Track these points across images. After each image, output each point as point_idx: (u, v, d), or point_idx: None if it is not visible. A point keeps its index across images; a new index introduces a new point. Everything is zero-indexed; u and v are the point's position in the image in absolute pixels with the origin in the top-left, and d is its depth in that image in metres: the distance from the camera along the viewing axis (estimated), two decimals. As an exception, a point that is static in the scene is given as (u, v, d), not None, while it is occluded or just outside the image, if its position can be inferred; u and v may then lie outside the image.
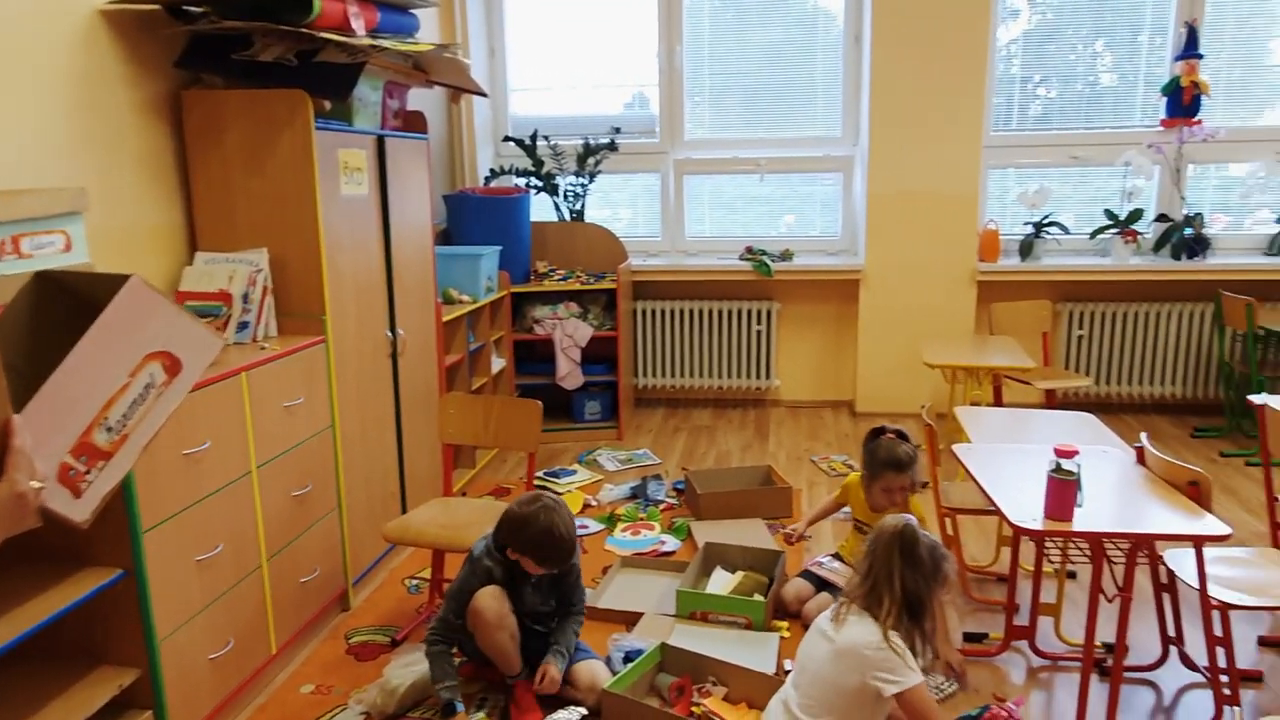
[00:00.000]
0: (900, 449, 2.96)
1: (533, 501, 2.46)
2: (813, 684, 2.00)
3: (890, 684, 1.86)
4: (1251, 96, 5.24)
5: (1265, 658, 2.91)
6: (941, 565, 2.00)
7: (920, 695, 1.88)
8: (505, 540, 2.48)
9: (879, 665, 1.88)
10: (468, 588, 2.50)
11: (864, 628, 1.93)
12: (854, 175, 5.43)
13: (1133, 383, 5.36)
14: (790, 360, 5.65)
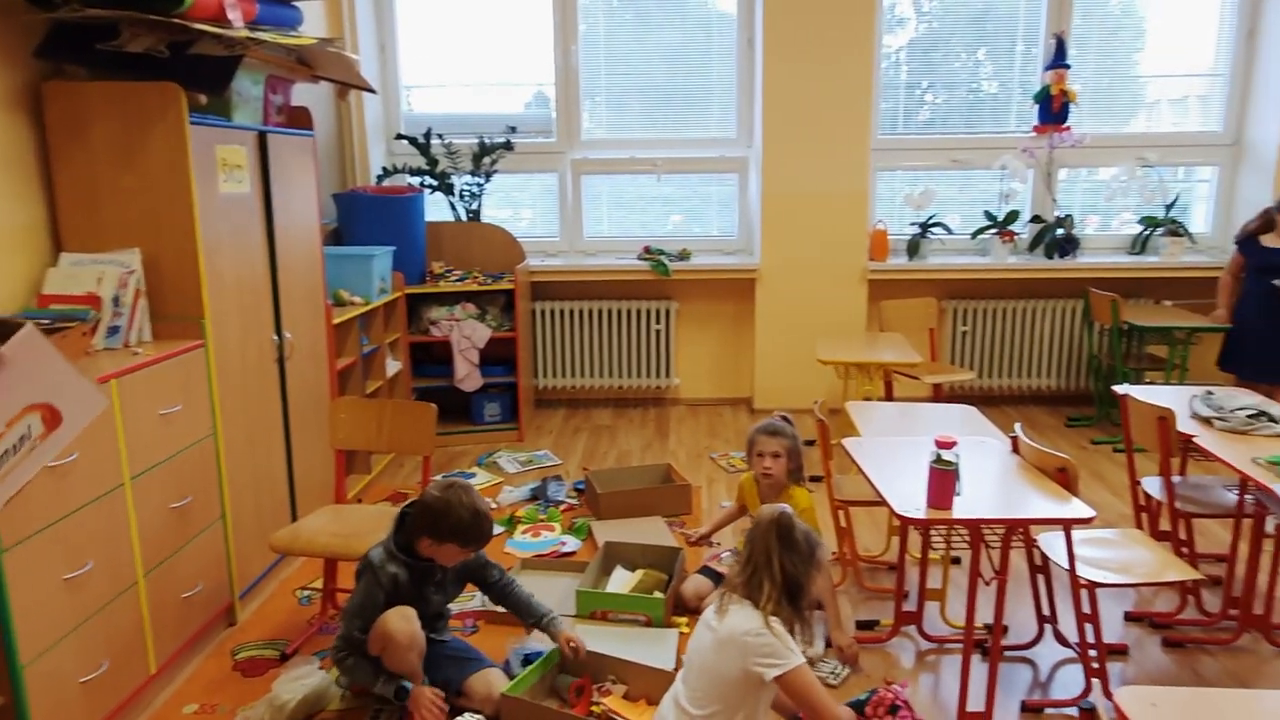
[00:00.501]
0: (779, 421, 3.09)
1: (446, 488, 2.41)
2: (699, 676, 2.03)
3: (771, 667, 1.90)
4: (1118, 105, 5.58)
5: (1130, 631, 3.09)
6: (816, 551, 2.07)
7: (801, 676, 1.93)
8: (424, 533, 2.40)
9: (759, 650, 1.92)
10: (372, 601, 2.41)
11: (744, 615, 1.97)
12: (749, 176, 5.53)
13: (1012, 376, 5.63)
14: (689, 359, 5.72)
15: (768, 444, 3.04)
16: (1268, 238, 4.57)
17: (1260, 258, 4.57)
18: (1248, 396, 3.16)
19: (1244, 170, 5.43)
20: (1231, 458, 2.71)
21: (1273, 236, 4.56)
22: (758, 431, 3.08)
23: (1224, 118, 5.45)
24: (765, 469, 3.05)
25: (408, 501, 2.52)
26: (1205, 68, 5.46)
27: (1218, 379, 4.99)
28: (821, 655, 2.85)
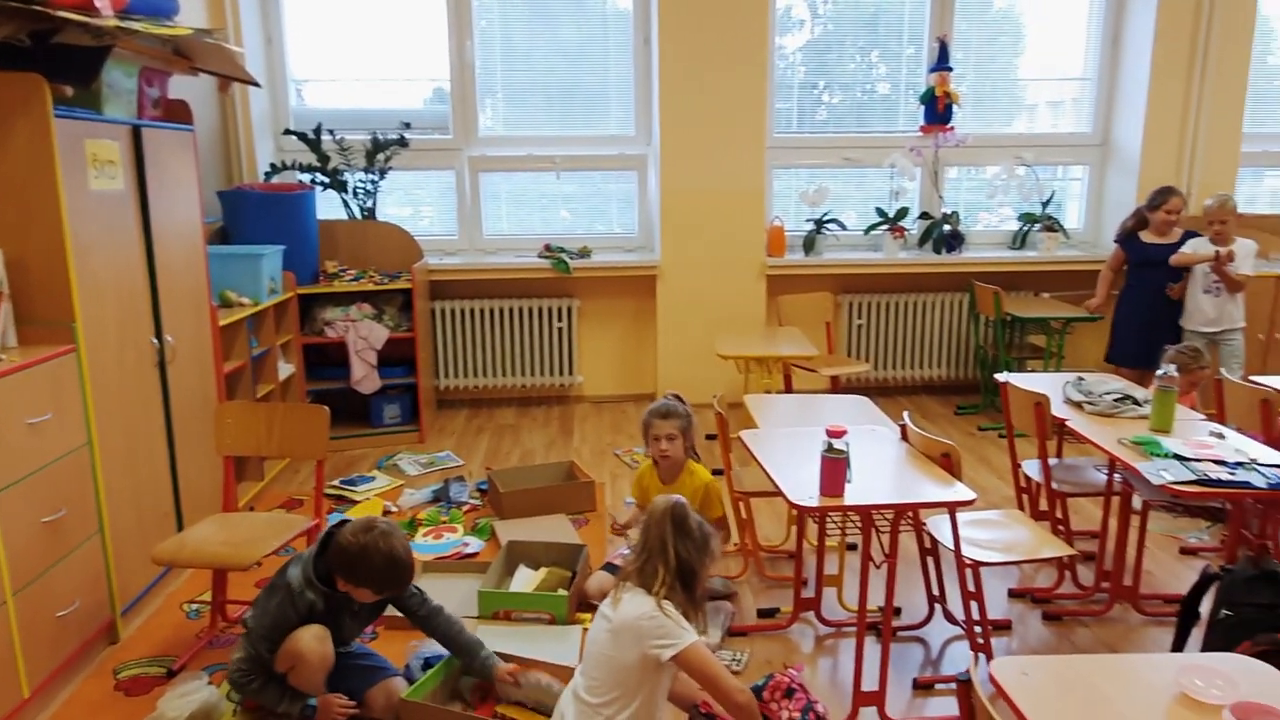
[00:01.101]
0: (671, 402, 3.15)
1: (366, 530, 2.28)
2: (596, 666, 2.04)
3: (667, 647, 1.93)
4: (1000, 107, 5.85)
5: (1014, 607, 3.25)
6: (709, 540, 2.10)
7: (698, 652, 1.97)
8: (340, 574, 2.31)
9: (654, 633, 1.95)
10: (284, 623, 2.31)
11: (638, 601, 2.00)
12: (648, 174, 5.57)
13: (905, 367, 5.83)
14: (592, 356, 5.72)
15: (662, 427, 3.10)
16: (1145, 234, 4.84)
17: (1140, 253, 4.84)
18: (1115, 381, 3.35)
19: (1111, 169, 5.76)
20: (1100, 439, 2.87)
21: (1149, 233, 4.83)
22: (651, 415, 3.14)
23: (1092, 120, 5.77)
24: (663, 451, 3.11)
25: (335, 523, 2.40)
26: (1075, 72, 5.77)
27: (1093, 366, 5.29)
28: (719, 644, 2.90)
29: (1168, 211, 4.70)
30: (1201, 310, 4.64)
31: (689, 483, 3.17)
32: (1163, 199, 4.72)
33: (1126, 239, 4.92)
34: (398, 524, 2.43)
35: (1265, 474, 2.51)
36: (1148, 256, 4.78)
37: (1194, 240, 4.66)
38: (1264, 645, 2.32)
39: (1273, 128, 5.95)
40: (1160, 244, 4.75)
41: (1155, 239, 4.78)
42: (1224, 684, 1.47)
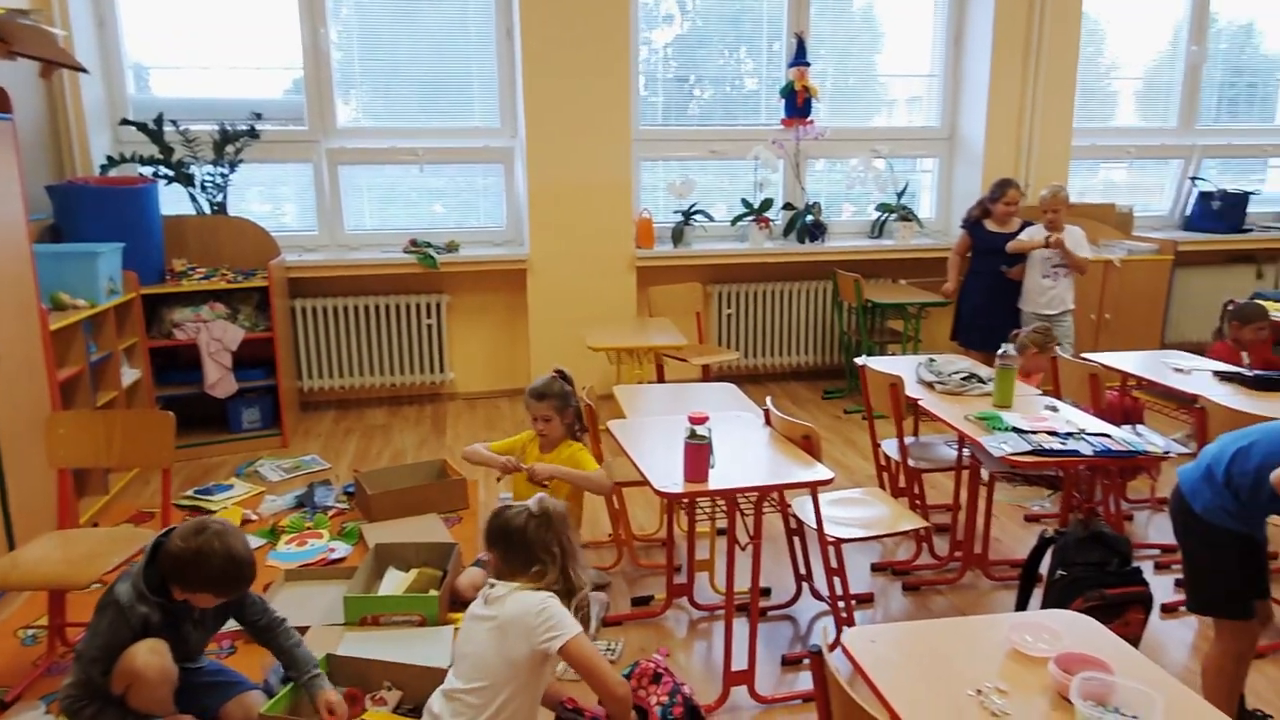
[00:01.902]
0: (545, 382, 3.15)
1: (198, 532, 2.14)
2: (476, 667, 2.01)
3: (554, 639, 1.93)
4: (860, 101, 6.07)
5: (877, 581, 3.39)
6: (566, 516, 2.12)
7: (581, 644, 1.97)
8: (174, 582, 2.16)
9: (540, 626, 1.94)
10: (118, 642, 2.14)
11: (524, 596, 1.99)
12: (515, 166, 5.51)
13: (774, 354, 5.99)
14: (464, 352, 5.63)
15: (536, 408, 3.14)
16: (989, 222, 5.13)
17: (984, 241, 5.11)
18: (962, 361, 3.54)
19: (958, 161, 6.08)
20: (949, 416, 3.03)
21: (991, 222, 5.11)
22: (528, 395, 3.17)
23: (940, 115, 6.07)
24: (540, 431, 3.17)
25: (163, 531, 2.25)
26: (924, 70, 6.05)
27: (948, 349, 5.57)
28: (594, 635, 2.91)
29: (1006, 203, 4.99)
30: (1038, 294, 4.96)
31: (565, 455, 3.18)
32: (1002, 191, 5.02)
33: (972, 226, 5.20)
34: (233, 523, 2.28)
35: (1092, 443, 2.70)
36: (990, 244, 5.07)
37: (1030, 229, 4.97)
38: (1094, 600, 2.51)
39: (1102, 123, 6.41)
40: (1001, 233, 5.04)
41: (996, 228, 5.07)
42: (1050, 638, 1.58)
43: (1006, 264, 5.01)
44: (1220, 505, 2.21)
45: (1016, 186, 5.03)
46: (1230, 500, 2.20)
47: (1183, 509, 2.31)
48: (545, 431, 3.16)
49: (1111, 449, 2.68)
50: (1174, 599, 3.19)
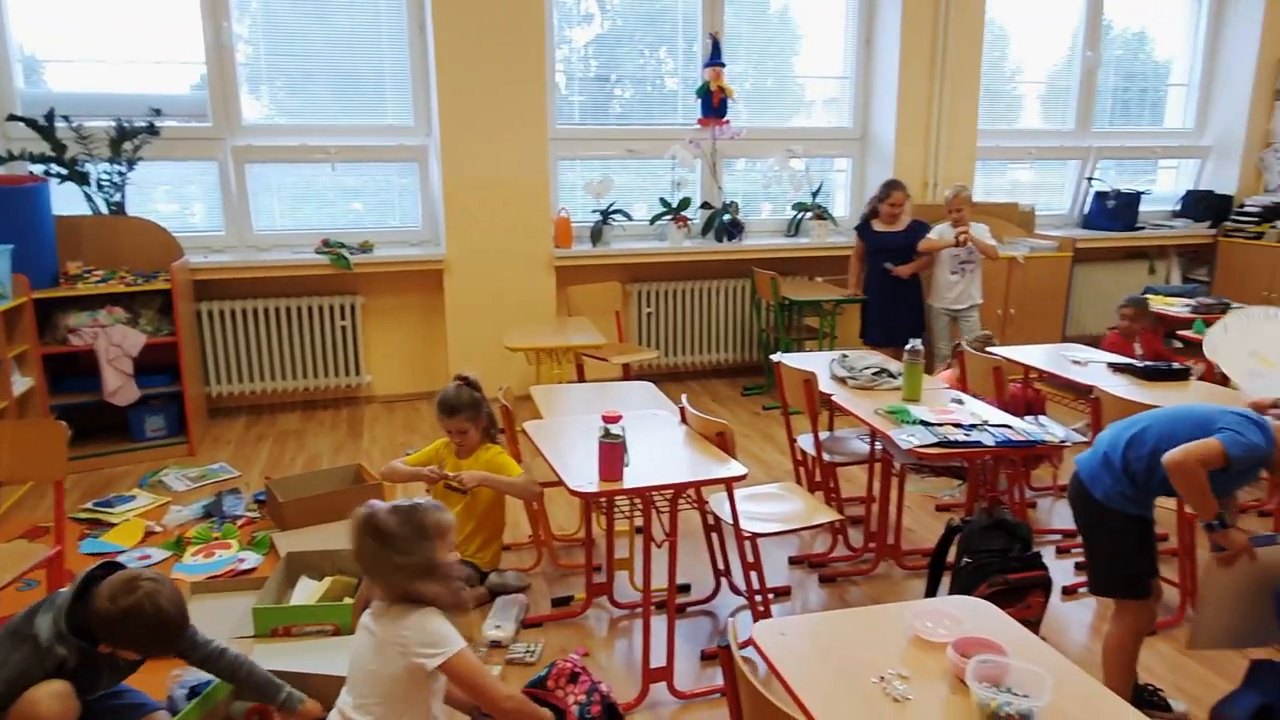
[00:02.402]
0: (453, 391, 3.10)
1: (128, 591, 2.02)
2: (363, 682, 1.96)
3: (433, 656, 1.88)
4: (778, 101, 6.16)
5: (794, 574, 3.45)
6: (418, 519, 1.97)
7: (464, 661, 1.91)
8: (102, 638, 2.05)
9: (417, 643, 1.89)
10: (25, 679, 2.02)
11: (401, 610, 1.94)
12: (429, 165, 5.43)
13: (695, 352, 6.04)
14: (380, 354, 5.52)
15: (451, 424, 3.11)
16: (876, 223, 5.27)
17: (873, 241, 5.26)
18: (873, 357, 3.62)
19: (870, 161, 6.22)
20: (860, 410, 3.10)
21: (879, 222, 5.25)
22: (439, 411, 3.12)
23: (852, 115, 6.20)
24: (458, 443, 3.16)
25: (94, 566, 2.13)
26: (837, 71, 6.18)
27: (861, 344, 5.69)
28: (513, 637, 2.89)
29: (890, 204, 5.15)
30: (946, 289, 5.13)
31: (483, 456, 3.16)
32: (886, 192, 5.18)
33: (862, 227, 5.35)
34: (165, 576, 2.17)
35: (994, 433, 2.80)
36: (877, 244, 5.23)
37: (938, 227, 5.12)
38: (997, 585, 2.60)
39: (1008, 125, 6.64)
40: (887, 232, 5.22)
41: (884, 228, 5.23)
42: (950, 623, 1.63)
43: (892, 262, 5.16)
44: (1119, 491, 2.31)
45: (901, 188, 5.19)
46: (1128, 485, 2.30)
47: (1082, 495, 2.41)
48: (462, 443, 3.15)
49: (1012, 439, 2.78)
50: (1074, 581, 3.32)
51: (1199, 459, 2.13)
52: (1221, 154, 6.98)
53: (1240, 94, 6.74)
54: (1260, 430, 2.18)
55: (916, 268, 5.18)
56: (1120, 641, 2.43)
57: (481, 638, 2.91)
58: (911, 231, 5.21)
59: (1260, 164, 6.83)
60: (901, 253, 5.20)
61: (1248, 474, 2.21)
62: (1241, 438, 2.15)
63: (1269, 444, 2.17)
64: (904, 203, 5.20)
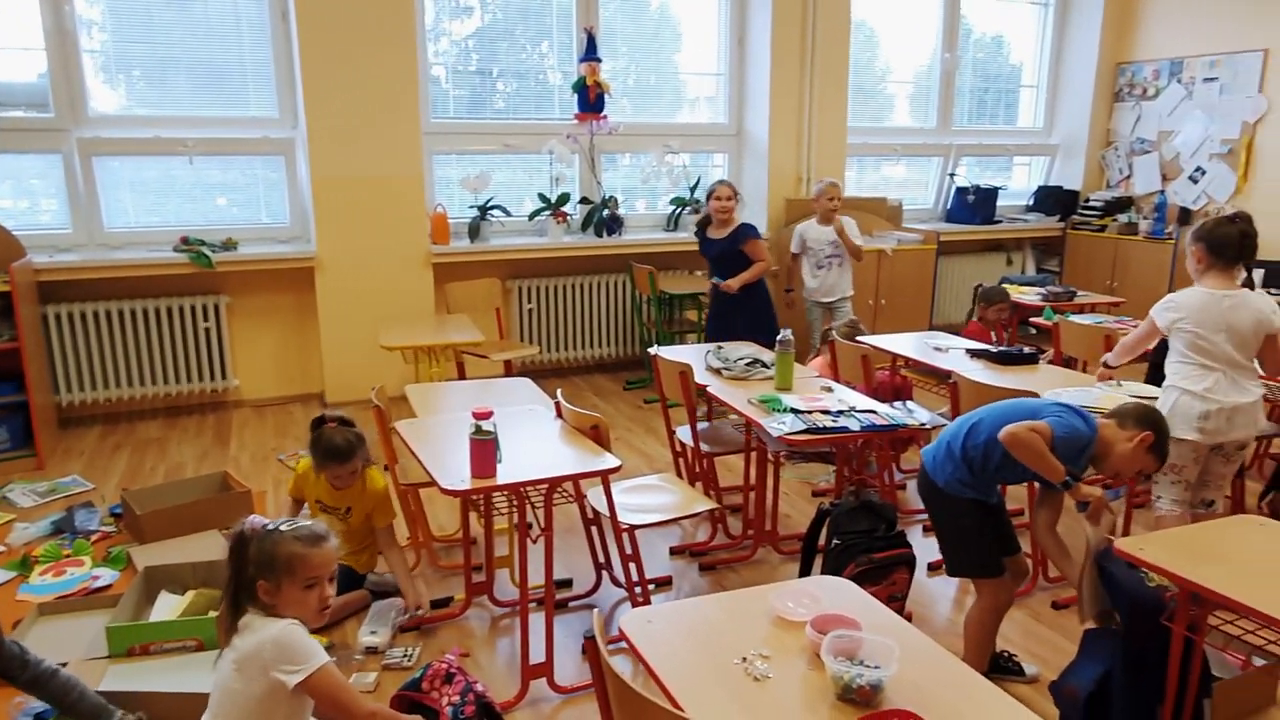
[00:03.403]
0: (339, 438, 2.97)
1: None
2: (222, 703, 1.87)
3: (293, 673, 1.81)
4: (661, 97, 6.21)
5: (675, 564, 3.50)
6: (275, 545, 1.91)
7: (326, 677, 1.84)
8: None
9: (280, 658, 1.82)
10: None
11: (262, 624, 1.87)
12: (297, 159, 5.24)
13: (577, 347, 6.03)
14: (249, 357, 5.30)
15: (341, 470, 2.99)
16: (711, 229, 4.97)
17: (705, 248, 5.03)
18: (747, 347, 3.70)
19: (746, 157, 6.36)
20: (734, 400, 3.16)
21: (714, 228, 4.93)
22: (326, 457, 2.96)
23: (727, 112, 6.32)
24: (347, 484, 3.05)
25: None
26: (713, 68, 6.28)
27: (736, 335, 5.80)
28: (390, 642, 2.83)
29: (717, 207, 4.83)
30: (814, 283, 5.27)
31: (360, 489, 3.07)
32: (710, 191, 4.88)
33: (697, 233, 5.06)
34: None
35: (860, 419, 2.90)
36: (708, 251, 5.00)
37: (805, 224, 5.24)
38: (864, 565, 2.71)
39: (880, 122, 6.89)
40: (713, 239, 4.92)
41: (713, 233, 4.93)
42: (810, 602, 1.69)
43: (719, 272, 4.88)
44: (958, 478, 2.45)
45: (726, 185, 4.89)
46: (966, 473, 2.44)
47: (928, 484, 2.55)
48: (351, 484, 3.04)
49: (877, 424, 2.89)
50: (939, 558, 3.48)
51: (1030, 429, 2.29)
52: (1068, 152, 7.45)
53: (1083, 96, 7.21)
54: (1084, 420, 2.35)
55: (747, 278, 4.80)
56: (979, 618, 2.56)
57: (357, 645, 2.83)
58: (734, 239, 4.83)
59: (1102, 161, 7.33)
60: (724, 261, 4.87)
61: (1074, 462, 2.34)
62: (1065, 421, 2.32)
63: (1091, 430, 2.34)
64: (728, 197, 4.85)
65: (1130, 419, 2.35)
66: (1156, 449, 2.34)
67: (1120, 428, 2.35)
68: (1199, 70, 6.57)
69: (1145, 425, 2.32)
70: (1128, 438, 2.32)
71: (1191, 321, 2.89)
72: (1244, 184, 6.35)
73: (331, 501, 3.08)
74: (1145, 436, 2.31)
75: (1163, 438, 2.35)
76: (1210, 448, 2.94)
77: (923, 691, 1.45)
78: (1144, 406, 2.42)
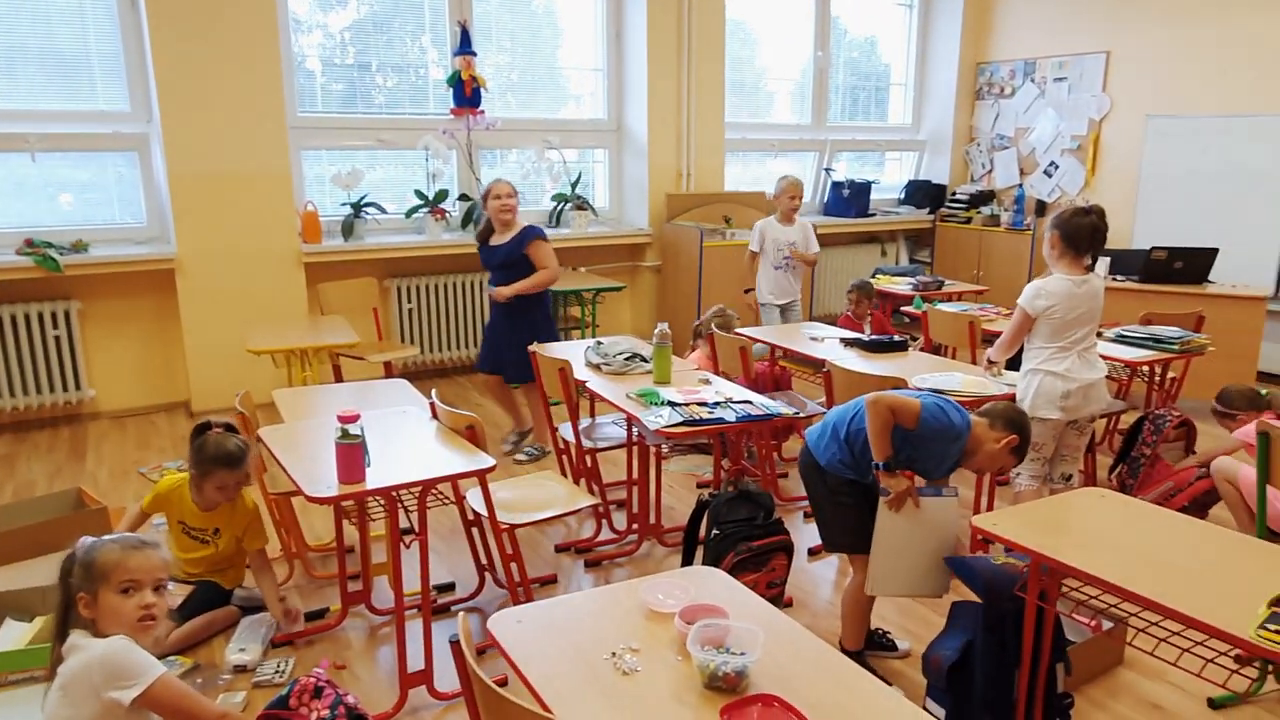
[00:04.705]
0: (231, 443, 2.84)
1: None
2: None
3: (128, 689, 1.71)
4: (545, 92, 6.13)
5: (561, 561, 3.47)
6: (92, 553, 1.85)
7: (164, 688, 1.75)
8: None
9: (110, 678, 1.72)
10: None
11: (85, 644, 1.76)
12: (152, 155, 4.95)
13: (461, 347, 5.92)
14: (106, 365, 4.98)
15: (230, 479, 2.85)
16: (494, 235, 4.29)
17: (486, 257, 4.33)
18: (626, 342, 3.71)
19: (626, 153, 6.37)
20: (613, 395, 3.16)
21: (497, 233, 4.29)
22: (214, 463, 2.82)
23: (607, 107, 6.32)
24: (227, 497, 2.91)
25: None
26: (592, 64, 6.27)
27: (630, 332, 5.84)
28: (261, 659, 2.71)
29: (494, 197, 4.22)
30: (770, 284, 5.08)
31: (230, 510, 2.93)
32: (486, 191, 4.29)
33: (479, 242, 4.38)
34: None
35: (736, 410, 2.94)
36: (486, 261, 4.36)
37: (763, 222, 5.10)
38: (743, 554, 2.74)
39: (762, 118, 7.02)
40: (498, 245, 4.26)
41: (495, 239, 4.28)
42: (680, 593, 1.69)
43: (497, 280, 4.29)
44: (840, 459, 2.53)
45: (502, 184, 4.27)
46: (847, 454, 2.52)
47: (810, 464, 2.61)
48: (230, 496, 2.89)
49: (752, 414, 2.94)
50: (819, 543, 3.57)
51: (892, 403, 2.38)
52: (935, 148, 7.77)
53: (946, 94, 7.54)
54: (959, 414, 2.45)
55: (524, 287, 4.16)
56: (855, 594, 2.64)
57: (224, 664, 2.70)
58: (519, 241, 4.18)
59: (966, 156, 7.68)
60: (509, 270, 4.20)
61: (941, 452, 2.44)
62: (938, 409, 2.42)
63: (963, 425, 2.43)
64: (513, 202, 4.22)
65: (1000, 420, 2.45)
66: (1018, 450, 2.46)
67: (990, 428, 2.45)
68: (1049, 70, 6.96)
69: (1012, 429, 2.43)
70: (995, 439, 2.42)
71: (1061, 308, 3.05)
72: (1092, 178, 6.77)
73: (198, 523, 2.92)
74: (1011, 439, 2.42)
75: (1025, 440, 2.47)
76: (1067, 423, 3.12)
77: (788, 674, 1.48)
78: (1012, 408, 2.53)
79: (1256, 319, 5.12)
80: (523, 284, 4.19)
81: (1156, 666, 2.65)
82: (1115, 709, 2.57)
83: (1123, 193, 6.43)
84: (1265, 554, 1.92)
